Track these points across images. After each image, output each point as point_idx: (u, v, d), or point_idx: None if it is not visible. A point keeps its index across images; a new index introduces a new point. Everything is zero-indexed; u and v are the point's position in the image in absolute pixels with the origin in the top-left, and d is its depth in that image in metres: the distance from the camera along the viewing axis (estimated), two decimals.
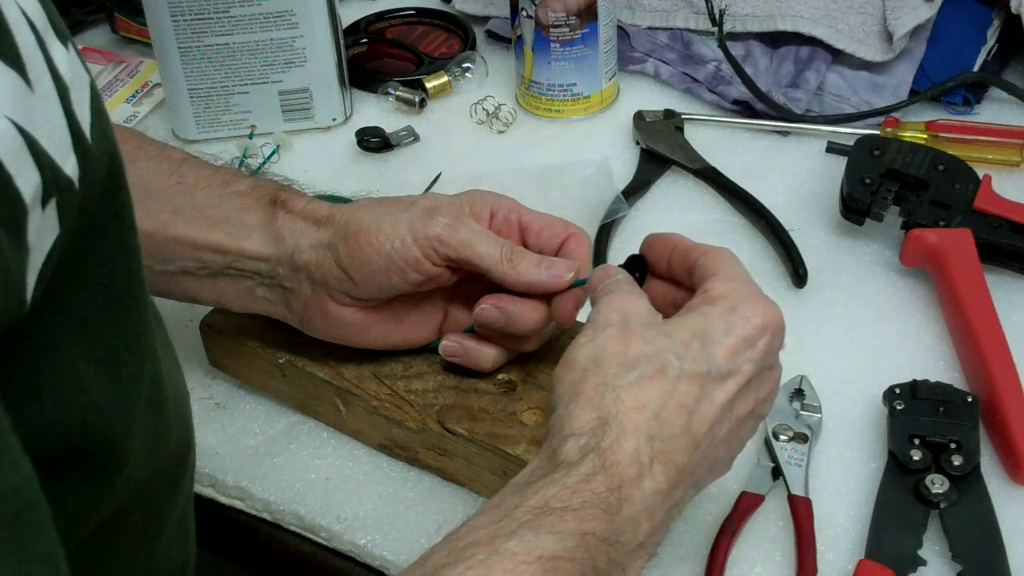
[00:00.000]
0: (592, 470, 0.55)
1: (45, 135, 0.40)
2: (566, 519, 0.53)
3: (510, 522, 0.52)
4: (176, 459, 0.57)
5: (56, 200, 0.41)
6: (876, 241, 0.89)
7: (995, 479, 0.71)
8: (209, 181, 0.72)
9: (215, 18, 0.98)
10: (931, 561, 0.67)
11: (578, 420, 0.56)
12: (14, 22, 0.40)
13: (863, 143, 0.89)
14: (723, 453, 0.61)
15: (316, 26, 0.99)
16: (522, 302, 0.69)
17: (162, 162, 0.73)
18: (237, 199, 0.71)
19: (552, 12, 0.98)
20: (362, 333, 0.72)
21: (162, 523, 0.57)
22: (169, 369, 0.55)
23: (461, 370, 0.74)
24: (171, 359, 0.57)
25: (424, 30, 1.18)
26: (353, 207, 0.71)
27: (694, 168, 0.97)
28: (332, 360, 0.75)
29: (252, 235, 0.70)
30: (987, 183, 0.86)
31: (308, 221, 0.70)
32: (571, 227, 0.71)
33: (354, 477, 0.75)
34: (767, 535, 0.70)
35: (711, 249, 0.64)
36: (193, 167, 0.73)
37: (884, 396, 0.74)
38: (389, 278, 0.68)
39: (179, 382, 0.58)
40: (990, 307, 0.79)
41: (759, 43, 1.07)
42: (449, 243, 0.68)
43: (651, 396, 0.57)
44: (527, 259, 0.69)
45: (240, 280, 0.72)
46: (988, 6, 1.06)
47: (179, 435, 0.56)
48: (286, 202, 0.71)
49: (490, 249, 0.68)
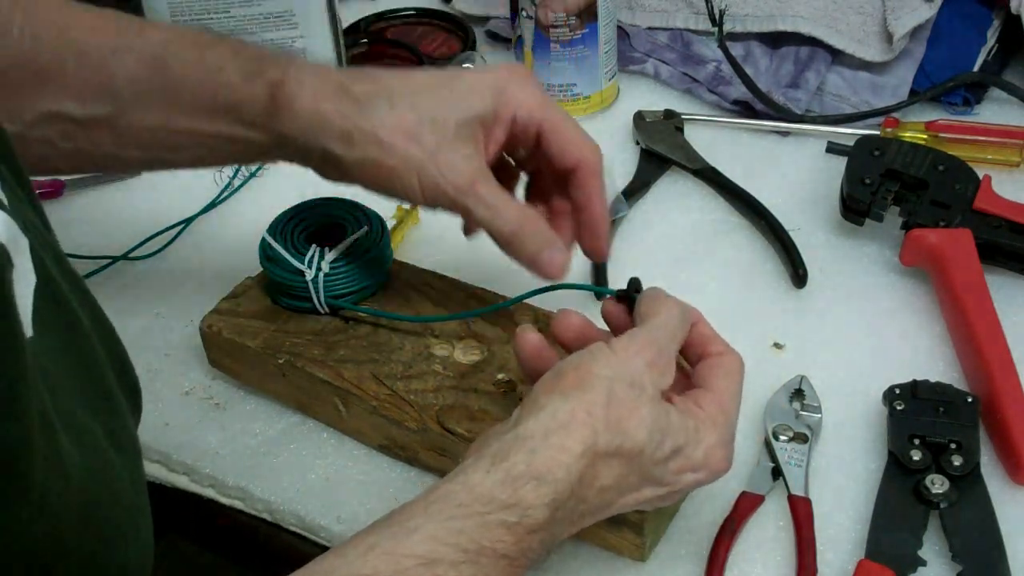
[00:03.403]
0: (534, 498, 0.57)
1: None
2: None
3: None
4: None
5: None
6: (876, 241, 0.89)
7: (995, 479, 0.71)
8: (197, 70, 0.70)
9: (215, 18, 0.98)
10: (931, 561, 0.67)
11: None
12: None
13: (863, 143, 0.89)
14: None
15: (316, 26, 0.99)
16: None
17: (143, 49, 0.71)
18: (230, 92, 0.70)
19: (552, 12, 0.98)
20: None
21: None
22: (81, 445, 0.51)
23: (461, 370, 0.74)
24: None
25: (424, 30, 1.18)
26: (370, 123, 0.69)
27: (694, 168, 0.97)
28: (332, 360, 0.75)
29: (254, 129, 0.70)
30: (987, 183, 0.86)
31: (316, 126, 0.69)
32: (583, 151, 0.71)
33: (354, 477, 0.75)
34: (767, 535, 0.70)
35: (726, 354, 0.64)
36: (177, 53, 0.71)
37: (884, 396, 0.74)
38: (395, 198, 0.71)
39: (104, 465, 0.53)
40: (990, 307, 0.79)
41: (759, 43, 1.07)
42: (456, 202, 0.69)
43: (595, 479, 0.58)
44: (528, 244, 0.70)
45: (255, 156, 0.73)
46: (988, 6, 1.06)
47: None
48: (288, 100, 0.69)
49: (497, 224, 0.69)
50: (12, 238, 0.48)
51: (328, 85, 0.69)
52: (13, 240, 0.48)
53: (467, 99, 0.69)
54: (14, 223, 0.49)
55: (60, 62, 0.69)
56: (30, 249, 0.50)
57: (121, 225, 0.97)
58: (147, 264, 0.93)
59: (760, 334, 0.82)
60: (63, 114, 0.70)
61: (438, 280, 0.81)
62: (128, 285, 0.90)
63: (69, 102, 0.70)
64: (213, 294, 0.82)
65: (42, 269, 0.50)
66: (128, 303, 0.88)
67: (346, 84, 0.69)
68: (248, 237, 0.83)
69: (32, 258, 0.50)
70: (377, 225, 0.80)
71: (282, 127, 0.69)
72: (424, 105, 0.69)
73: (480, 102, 0.69)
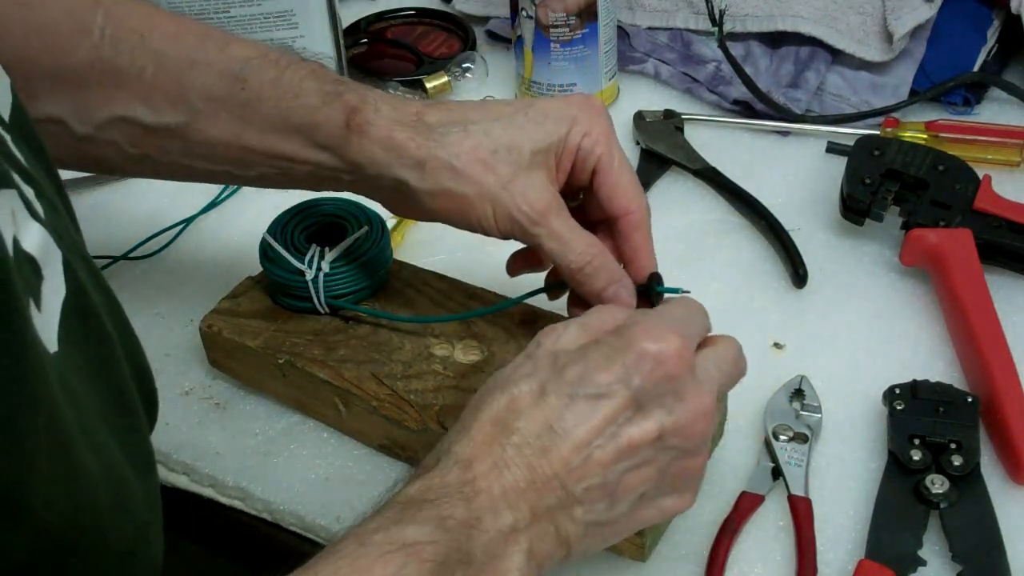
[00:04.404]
0: (447, 468, 0.56)
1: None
2: (425, 509, 0.54)
3: (378, 519, 0.54)
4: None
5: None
6: (876, 241, 0.89)
7: (995, 479, 0.71)
8: (275, 89, 0.69)
9: (215, 18, 0.98)
10: (931, 561, 0.67)
11: (445, 439, 0.59)
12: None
13: (863, 143, 0.89)
14: (616, 491, 0.58)
15: (316, 26, 0.99)
16: None
17: (224, 65, 0.70)
18: (306, 113, 0.69)
19: (552, 12, 0.98)
20: None
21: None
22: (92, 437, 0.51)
23: (461, 370, 0.74)
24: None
25: (424, 30, 1.18)
26: (445, 151, 0.68)
27: (694, 168, 0.97)
28: (332, 360, 0.75)
29: (325, 152, 0.69)
30: (987, 183, 0.86)
31: (391, 154, 0.68)
32: (633, 201, 0.70)
33: (354, 477, 0.75)
34: (767, 535, 0.70)
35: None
36: (257, 70, 0.70)
37: (884, 396, 0.74)
38: (467, 229, 0.70)
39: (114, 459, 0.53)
40: (990, 307, 0.79)
41: (759, 43, 1.07)
42: (529, 233, 0.68)
43: (515, 411, 0.58)
44: (596, 281, 0.68)
45: (321, 181, 0.72)
46: (988, 6, 1.06)
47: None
48: (363, 127, 0.68)
49: (567, 257, 0.68)
50: (45, 251, 0.48)
51: (404, 114, 0.69)
52: (45, 253, 0.48)
53: (543, 126, 0.68)
54: (49, 236, 0.49)
55: (138, 68, 0.69)
56: (63, 261, 0.50)
57: (121, 225, 0.97)
58: (147, 264, 0.93)
59: (760, 334, 0.82)
60: (134, 119, 0.70)
61: (438, 280, 0.81)
62: (128, 285, 0.90)
63: (142, 108, 0.69)
64: (213, 294, 0.82)
65: (74, 282, 0.50)
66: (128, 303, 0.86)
67: (422, 113, 0.69)
68: (248, 237, 0.83)
69: (64, 270, 0.50)
70: (377, 225, 0.80)
71: (354, 153, 0.68)
72: (498, 132, 0.68)
73: (555, 128, 0.68)
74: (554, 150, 0.68)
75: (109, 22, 0.69)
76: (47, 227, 0.49)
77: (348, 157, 0.68)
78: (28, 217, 0.48)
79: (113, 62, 0.69)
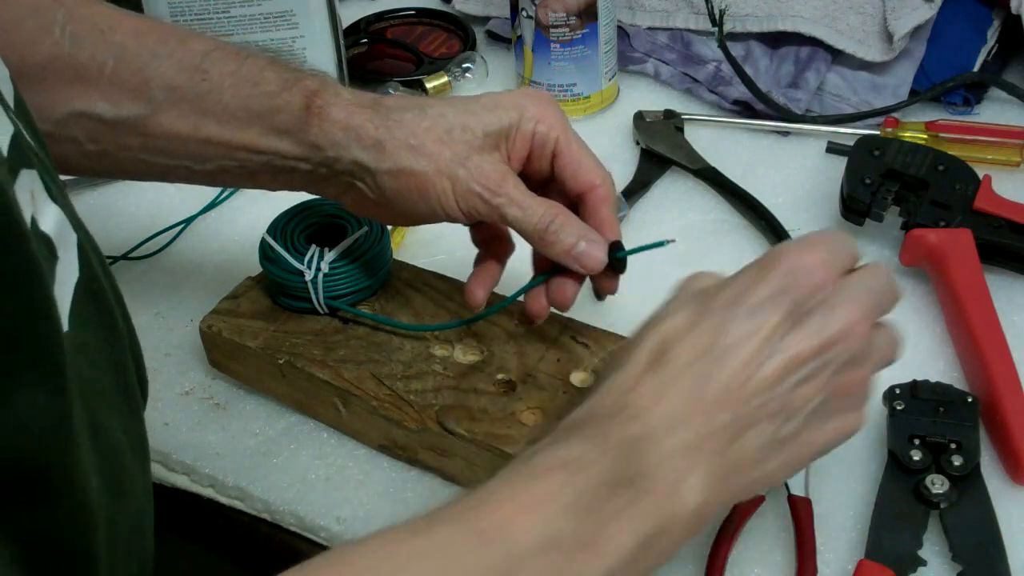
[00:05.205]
0: (606, 394, 0.56)
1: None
2: (587, 427, 0.54)
3: (539, 445, 0.55)
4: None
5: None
6: (876, 241, 0.89)
7: (995, 479, 0.71)
8: (235, 78, 0.70)
9: (215, 18, 0.98)
10: (931, 561, 0.67)
11: (598, 382, 0.58)
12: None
13: (863, 143, 0.89)
14: (786, 408, 0.57)
15: (316, 26, 0.99)
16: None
17: (184, 58, 0.71)
18: (267, 99, 0.70)
19: (552, 12, 0.98)
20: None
21: None
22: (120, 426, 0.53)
23: (461, 370, 0.74)
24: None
25: (424, 30, 1.18)
26: (403, 131, 0.69)
27: (694, 168, 0.97)
28: (332, 360, 0.75)
29: (284, 138, 0.70)
30: (987, 183, 0.86)
31: (350, 135, 0.69)
32: (596, 176, 0.71)
33: (354, 477, 0.75)
34: (767, 535, 0.70)
35: None
36: (217, 62, 0.71)
37: (884, 396, 0.74)
38: (428, 217, 0.70)
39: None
40: (990, 307, 0.79)
41: (759, 43, 1.07)
42: (490, 204, 0.69)
43: (671, 341, 0.57)
44: (564, 236, 0.69)
45: (277, 173, 0.72)
46: (988, 6, 1.06)
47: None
48: (322, 109, 0.69)
49: (531, 221, 0.69)
50: (60, 232, 0.49)
51: (362, 98, 0.70)
52: (61, 234, 0.49)
53: (492, 112, 0.70)
54: (65, 218, 0.49)
55: (99, 63, 0.69)
56: (77, 244, 0.50)
57: (121, 225, 0.97)
58: (147, 264, 0.93)
59: None
60: (94, 114, 0.70)
61: (438, 280, 0.81)
62: (128, 285, 0.90)
63: (101, 102, 0.70)
64: (213, 294, 0.82)
65: (87, 265, 0.51)
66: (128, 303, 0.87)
67: (378, 98, 0.71)
68: (248, 237, 0.83)
69: (79, 253, 0.50)
70: (377, 225, 0.80)
71: (314, 136, 0.69)
72: (452, 115, 0.69)
73: (505, 114, 0.70)
74: (506, 134, 0.70)
75: (70, 20, 0.69)
76: (64, 209, 0.50)
77: (308, 140, 0.69)
78: (47, 199, 0.49)
79: (74, 58, 0.69)
